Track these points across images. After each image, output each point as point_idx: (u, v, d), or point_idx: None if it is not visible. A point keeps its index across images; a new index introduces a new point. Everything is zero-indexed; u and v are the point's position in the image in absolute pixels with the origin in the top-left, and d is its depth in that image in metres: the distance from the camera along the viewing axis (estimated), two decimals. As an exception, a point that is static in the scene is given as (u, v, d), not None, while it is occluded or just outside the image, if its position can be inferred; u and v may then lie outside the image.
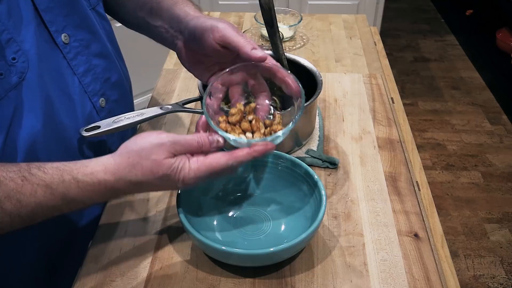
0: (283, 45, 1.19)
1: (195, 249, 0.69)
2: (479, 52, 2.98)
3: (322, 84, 0.84)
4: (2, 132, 0.59)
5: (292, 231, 0.69)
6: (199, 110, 0.80)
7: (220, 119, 0.62)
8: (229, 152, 0.57)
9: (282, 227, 0.71)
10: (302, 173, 0.72)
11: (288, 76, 0.62)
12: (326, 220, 0.73)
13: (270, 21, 0.80)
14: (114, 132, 0.73)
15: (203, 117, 0.60)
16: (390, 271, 0.66)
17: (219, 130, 0.59)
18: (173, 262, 0.67)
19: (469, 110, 2.59)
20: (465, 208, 1.98)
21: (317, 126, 0.91)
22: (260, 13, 0.84)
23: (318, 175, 0.70)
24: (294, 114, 0.62)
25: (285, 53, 0.84)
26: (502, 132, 2.41)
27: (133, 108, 0.91)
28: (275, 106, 0.67)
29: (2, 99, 0.58)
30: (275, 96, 0.92)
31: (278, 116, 0.65)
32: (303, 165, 0.72)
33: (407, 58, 3.09)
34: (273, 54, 0.81)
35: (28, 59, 0.61)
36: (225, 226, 0.71)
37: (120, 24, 0.87)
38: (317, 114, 0.93)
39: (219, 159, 0.56)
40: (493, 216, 1.94)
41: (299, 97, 0.62)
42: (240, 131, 0.62)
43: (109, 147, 0.79)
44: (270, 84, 0.65)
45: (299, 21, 1.28)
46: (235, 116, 0.63)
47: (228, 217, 0.73)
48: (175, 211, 0.67)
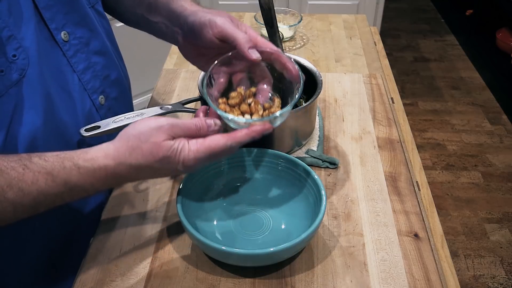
0: (283, 45, 1.19)
1: (195, 249, 0.69)
2: (479, 52, 2.98)
3: (322, 84, 0.84)
4: (3, 129, 0.60)
5: (292, 231, 0.69)
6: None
7: (220, 101, 0.64)
8: (228, 133, 0.58)
9: (282, 227, 0.71)
10: (302, 173, 0.72)
11: (289, 62, 0.63)
12: (326, 220, 0.73)
13: (270, 21, 0.80)
14: (114, 132, 0.73)
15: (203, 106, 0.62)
16: (390, 271, 0.66)
17: (218, 110, 0.60)
18: (173, 262, 0.67)
19: (469, 110, 2.59)
20: (465, 208, 1.98)
21: (317, 126, 0.91)
22: (260, 13, 0.84)
23: (318, 175, 0.70)
24: (293, 96, 0.63)
25: (285, 53, 0.84)
26: (502, 132, 2.41)
27: (132, 106, 0.91)
28: (275, 94, 0.68)
29: (3, 96, 0.59)
30: (276, 92, 0.92)
31: (278, 101, 0.66)
32: (303, 165, 0.72)
33: (407, 58, 3.09)
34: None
35: (29, 56, 0.61)
36: (225, 226, 0.71)
37: (120, 24, 0.87)
38: (317, 114, 0.93)
39: (219, 141, 0.57)
40: (493, 216, 1.94)
41: (298, 82, 0.63)
42: (239, 113, 0.64)
43: None
44: (271, 70, 0.67)
45: (299, 21, 1.28)
46: (235, 99, 0.64)
47: (228, 217, 0.73)
48: (175, 211, 0.67)
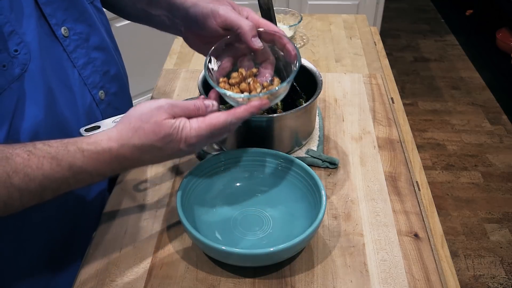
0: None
1: (195, 249, 0.69)
2: (479, 52, 2.98)
3: (322, 84, 0.84)
4: (6, 123, 0.60)
5: (292, 231, 0.69)
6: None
7: (221, 80, 0.67)
8: (228, 110, 0.60)
9: (282, 227, 0.71)
10: (302, 173, 0.72)
11: (289, 43, 0.66)
12: (326, 220, 0.73)
13: (269, 21, 0.79)
14: None
15: None
16: (390, 271, 0.66)
17: (217, 87, 0.63)
18: (173, 262, 0.67)
19: (469, 110, 2.59)
20: (465, 208, 1.98)
21: (317, 126, 0.91)
22: (259, 13, 0.84)
23: (318, 175, 0.70)
24: (290, 74, 0.65)
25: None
26: (502, 132, 2.41)
27: (132, 102, 0.91)
28: (276, 75, 0.71)
29: (5, 91, 0.59)
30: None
31: (277, 80, 0.69)
32: (303, 165, 0.72)
33: (407, 58, 3.09)
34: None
35: (30, 51, 0.62)
36: (225, 226, 0.71)
37: (120, 24, 0.87)
38: (317, 114, 0.93)
39: (219, 117, 0.59)
40: (493, 216, 1.94)
41: (296, 61, 0.66)
42: (238, 91, 0.67)
43: None
44: (272, 51, 0.69)
45: (299, 21, 1.28)
46: (235, 79, 0.68)
47: (228, 217, 0.73)
48: (175, 211, 0.67)
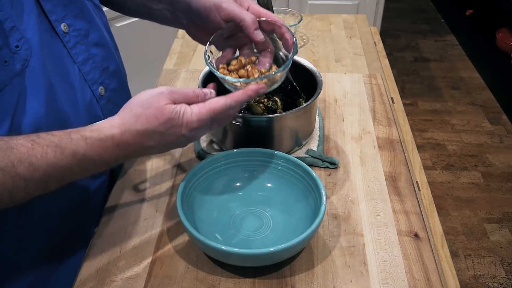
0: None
1: (195, 249, 0.69)
2: (479, 52, 2.98)
3: (322, 84, 0.84)
4: (8, 118, 0.60)
5: (292, 231, 0.69)
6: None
7: (220, 66, 0.70)
8: (227, 95, 0.62)
9: (282, 227, 0.71)
10: (302, 173, 0.72)
11: (287, 33, 0.68)
12: (326, 220, 0.73)
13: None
14: None
15: None
16: (390, 271, 0.66)
17: (216, 72, 0.66)
18: (173, 262, 0.67)
19: (469, 110, 2.59)
20: (465, 208, 1.98)
21: (317, 126, 0.91)
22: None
23: (318, 175, 0.71)
24: (288, 59, 0.68)
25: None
26: (502, 132, 2.41)
27: (131, 98, 0.91)
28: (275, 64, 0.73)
29: (7, 86, 0.60)
30: (277, 97, 0.92)
31: (275, 68, 0.71)
32: (303, 165, 0.72)
33: (407, 58, 3.09)
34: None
35: (31, 47, 0.62)
36: (225, 226, 0.71)
37: (120, 24, 0.87)
38: (317, 114, 0.93)
39: (218, 101, 0.61)
40: (493, 216, 1.94)
41: (293, 49, 0.68)
42: (237, 77, 0.69)
43: None
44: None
45: (299, 21, 1.27)
46: (234, 66, 0.70)
47: (228, 217, 0.73)
48: (175, 211, 0.67)
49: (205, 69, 0.88)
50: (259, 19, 0.68)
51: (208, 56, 0.69)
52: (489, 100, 2.67)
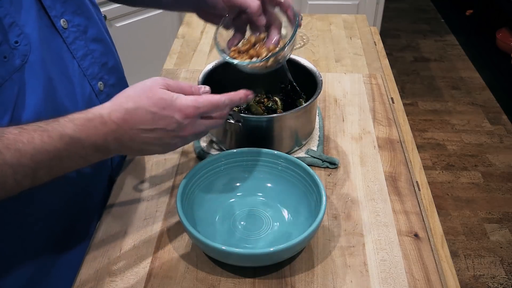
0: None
1: (195, 249, 0.69)
2: (479, 52, 2.98)
3: (322, 84, 0.84)
4: (7, 113, 0.61)
5: (292, 231, 0.69)
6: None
7: (232, 49, 0.75)
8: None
9: (282, 227, 0.71)
10: (302, 173, 0.72)
11: (289, 9, 0.73)
12: (326, 220, 0.73)
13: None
14: None
15: None
16: (390, 271, 0.66)
17: (226, 56, 0.72)
18: (173, 262, 0.67)
19: (469, 110, 2.59)
20: (465, 208, 1.98)
21: (317, 126, 0.91)
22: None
23: (318, 175, 0.70)
24: (292, 35, 0.72)
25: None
26: (502, 132, 2.41)
27: None
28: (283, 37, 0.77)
29: (7, 81, 0.60)
30: (277, 97, 0.92)
31: (283, 42, 0.75)
32: (303, 165, 0.72)
33: (407, 58, 3.09)
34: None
35: (30, 43, 0.62)
36: (225, 226, 0.71)
37: (120, 24, 0.87)
38: (317, 114, 0.93)
39: (213, 96, 0.62)
40: (493, 216, 1.94)
41: (294, 26, 0.73)
42: (248, 57, 0.73)
43: None
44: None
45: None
46: (245, 46, 0.75)
47: (228, 217, 0.73)
48: (175, 211, 0.67)
49: (205, 69, 0.88)
50: None
51: (218, 42, 0.74)
52: (489, 100, 2.67)
